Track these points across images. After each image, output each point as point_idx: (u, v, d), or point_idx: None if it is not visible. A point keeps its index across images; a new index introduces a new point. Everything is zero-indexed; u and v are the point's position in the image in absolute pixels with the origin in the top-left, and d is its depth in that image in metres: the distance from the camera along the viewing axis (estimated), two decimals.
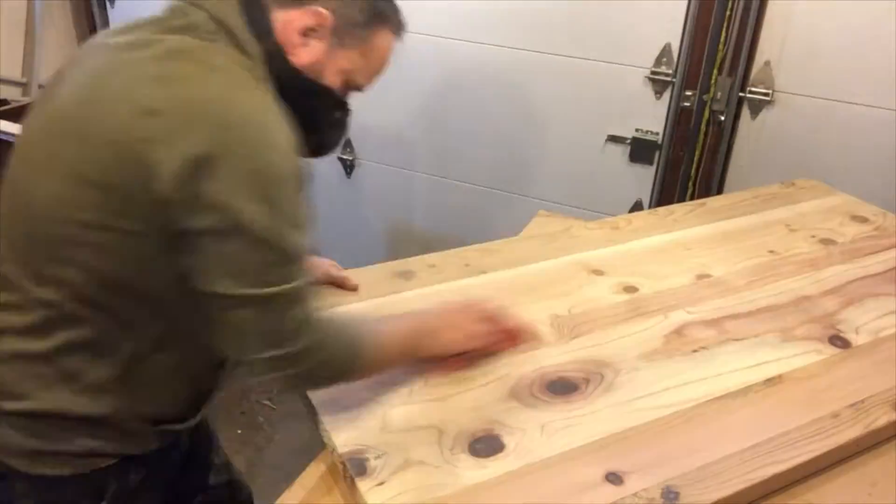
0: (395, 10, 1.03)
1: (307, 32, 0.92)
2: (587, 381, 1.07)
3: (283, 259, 0.84)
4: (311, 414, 1.00)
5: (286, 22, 0.91)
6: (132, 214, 0.83)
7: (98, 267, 0.86)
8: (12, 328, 0.91)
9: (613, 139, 2.26)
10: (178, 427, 1.04)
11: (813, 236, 1.52)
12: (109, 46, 0.89)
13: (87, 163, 0.83)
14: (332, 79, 0.97)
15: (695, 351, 1.15)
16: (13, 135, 1.70)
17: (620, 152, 2.28)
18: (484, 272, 1.34)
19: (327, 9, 0.92)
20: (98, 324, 0.89)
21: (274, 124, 0.85)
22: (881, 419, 1.02)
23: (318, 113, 0.99)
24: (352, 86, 1.01)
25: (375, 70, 1.02)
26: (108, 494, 0.99)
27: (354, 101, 1.01)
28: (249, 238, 0.81)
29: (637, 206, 2.31)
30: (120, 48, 0.88)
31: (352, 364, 0.95)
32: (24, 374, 0.91)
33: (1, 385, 0.92)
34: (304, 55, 0.93)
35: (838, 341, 1.18)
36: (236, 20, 0.89)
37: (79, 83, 0.88)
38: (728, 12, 1.99)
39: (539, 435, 0.96)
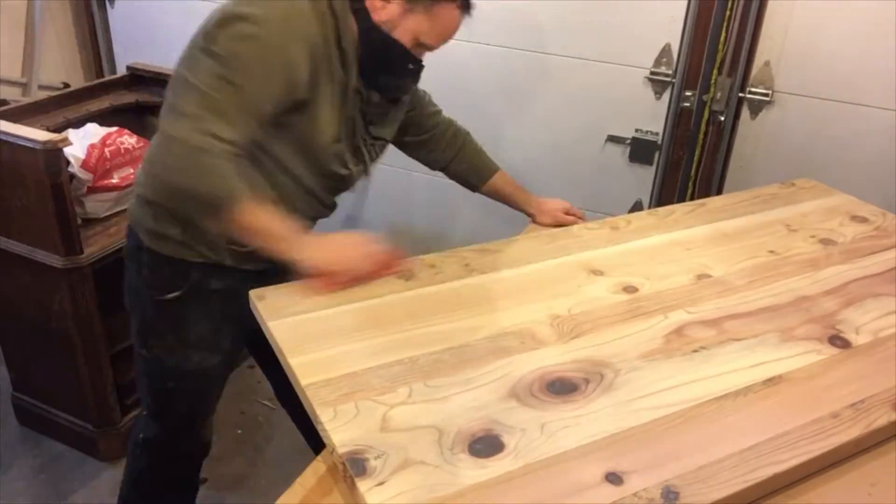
0: None
1: None
2: (587, 381, 1.07)
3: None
4: (312, 414, 1.00)
5: None
6: None
7: None
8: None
9: (613, 139, 2.26)
10: (249, 266, 1.38)
11: (813, 236, 1.52)
12: None
13: None
14: (402, 36, 1.27)
15: (695, 351, 1.15)
16: (13, 135, 1.70)
17: (620, 152, 2.28)
18: (484, 272, 1.34)
19: None
20: None
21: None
22: (881, 419, 1.02)
23: (391, 59, 1.30)
24: (422, 44, 1.31)
25: (440, 36, 1.31)
26: (188, 281, 1.36)
27: None
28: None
29: (637, 206, 2.31)
30: None
31: (214, 209, 1.16)
32: None
33: (140, 177, 1.32)
34: (382, 14, 1.26)
35: (838, 341, 1.18)
36: None
37: None
38: (728, 12, 1.99)
39: (539, 435, 0.96)
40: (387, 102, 1.41)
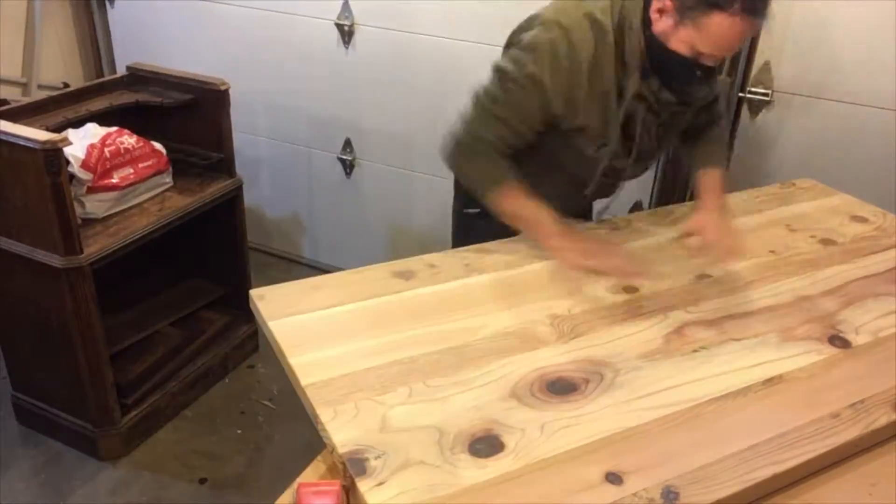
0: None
1: (659, 12, 1.31)
2: (587, 381, 1.07)
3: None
4: (311, 414, 1.00)
5: (653, 5, 1.32)
6: None
7: None
8: None
9: None
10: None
11: (813, 236, 1.52)
12: None
13: None
14: (677, 45, 1.31)
15: (695, 351, 1.15)
16: (13, 135, 1.70)
17: None
18: (484, 272, 1.34)
19: None
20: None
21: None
22: (881, 419, 1.02)
23: (673, 66, 1.35)
24: (701, 53, 1.31)
25: (716, 46, 1.30)
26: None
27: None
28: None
29: (637, 207, 2.30)
30: None
31: (482, 191, 1.44)
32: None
33: None
34: (658, 25, 1.32)
35: (838, 341, 1.18)
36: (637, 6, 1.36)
37: None
38: None
39: (539, 435, 0.96)
40: (680, 103, 1.45)
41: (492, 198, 1.41)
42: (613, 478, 0.90)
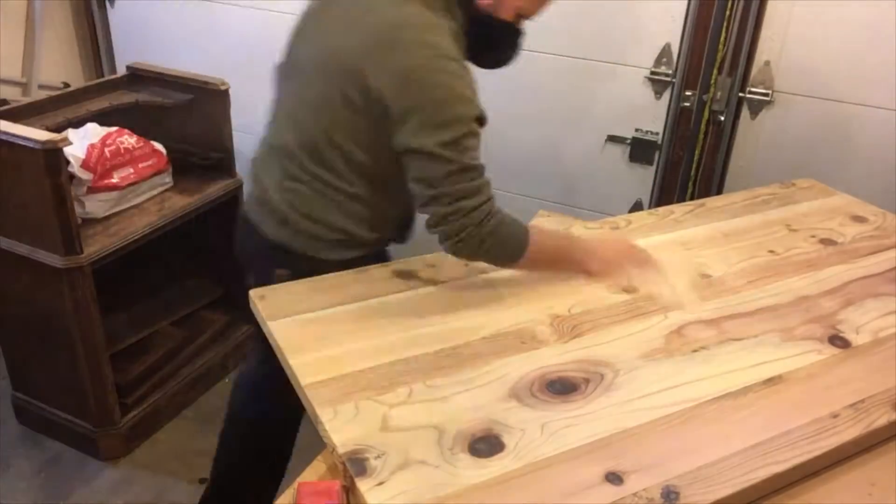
0: None
1: None
2: (587, 381, 1.07)
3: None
4: (311, 414, 1.00)
5: None
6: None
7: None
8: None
9: (613, 139, 2.26)
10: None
11: (813, 236, 1.52)
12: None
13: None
14: (506, 14, 1.31)
15: (695, 351, 1.15)
16: (13, 135, 1.70)
17: (620, 152, 2.27)
18: (484, 272, 1.34)
19: None
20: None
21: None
22: (881, 419, 1.02)
23: (497, 37, 1.37)
24: (524, 16, 1.35)
25: (542, 3, 1.35)
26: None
27: None
28: None
29: (637, 206, 2.30)
30: None
31: (516, 250, 1.25)
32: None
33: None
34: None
35: (838, 341, 1.18)
36: None
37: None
38: (728, 12, 1.99)
39: (539, 435, 0.96)
40: None
41: (524, 258, 1.26)
42: (613, 478, 0.90)
